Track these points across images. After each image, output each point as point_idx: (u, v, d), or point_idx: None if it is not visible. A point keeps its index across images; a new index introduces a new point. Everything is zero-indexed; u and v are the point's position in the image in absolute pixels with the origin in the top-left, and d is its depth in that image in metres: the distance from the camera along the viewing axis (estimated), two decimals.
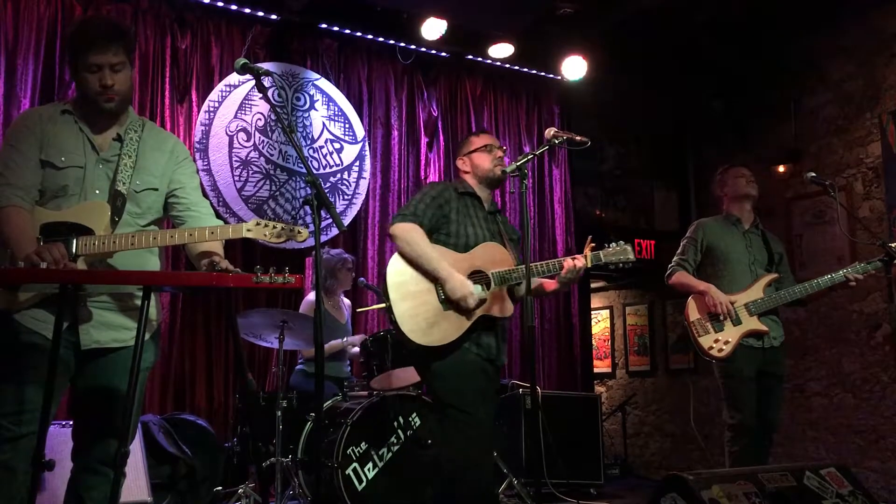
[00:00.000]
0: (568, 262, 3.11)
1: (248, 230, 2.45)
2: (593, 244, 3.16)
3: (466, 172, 3.32)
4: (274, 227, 2.47)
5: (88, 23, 2.57)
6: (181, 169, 2.69)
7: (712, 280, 4.06)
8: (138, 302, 2.47)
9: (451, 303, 2.99)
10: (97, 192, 2.51)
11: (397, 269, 3.04)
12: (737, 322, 3.94)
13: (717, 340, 3.93)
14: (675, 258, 4.24)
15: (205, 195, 5.58)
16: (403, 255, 3.05)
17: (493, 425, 3.13)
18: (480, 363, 3.04)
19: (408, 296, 2.99)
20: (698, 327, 3.99)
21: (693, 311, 4.03)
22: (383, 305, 3.12)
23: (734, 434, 3.93)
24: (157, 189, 2.63)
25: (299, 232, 2.50)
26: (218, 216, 5.42)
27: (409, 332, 2.95)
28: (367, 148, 6.29)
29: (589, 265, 3.14)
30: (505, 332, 3.24)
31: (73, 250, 2.38)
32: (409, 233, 3.04)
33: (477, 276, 3.06)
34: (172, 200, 2.67)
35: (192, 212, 2.66)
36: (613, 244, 3.17)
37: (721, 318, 3.94)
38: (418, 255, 3.01)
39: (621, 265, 3.17)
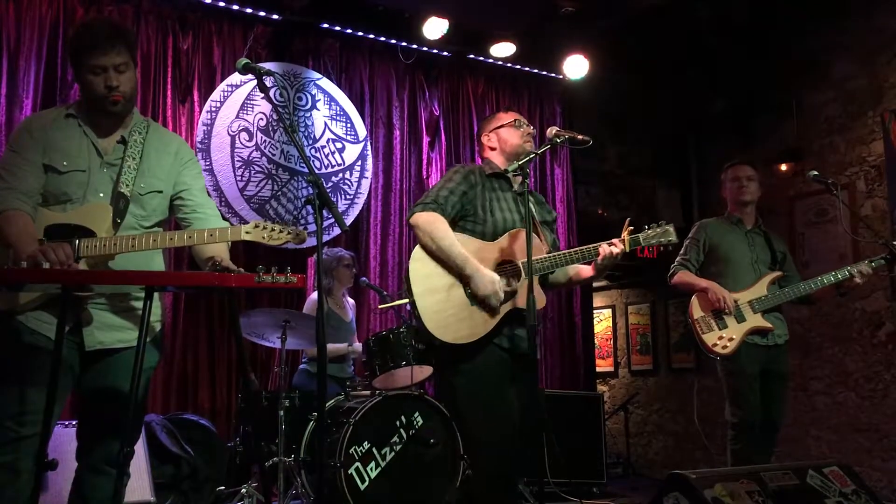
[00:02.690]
0: (604, 248, 2.93)
1: (247, 233, 2.44)
2: (631, 227, 2.99)
3: (493, 149, 3.15)
4: (272, 230, 2.45)
5: (90, 25, 2.56)
6: (186, 170, 2.69)
7: (716, 279, 4.07)
8: (140, 302, 2.48)
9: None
10: (101, 195, 2.51)
11: (420, 262, 2.85)
12: (740, 319, 3.96)
13: (720, 337, 3.95)
14: (677, 258, 4.26)
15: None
16: (425, 248, 2.86)
17: (518, 422, 2.86)
18: (507, 360, 2.85)
19: (432, 290, 2.82)
20: (702, 324, 4.00)
21: (696, 309, 4.04)
22: (406, 301, 3.03)
23: (736, 432, 3.94)
24: (161, 192, 2.63)
25: (297, 234, 2.47)
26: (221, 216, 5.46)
27: (434, 329, 2.77)
28: (368, 147, 6.29)
29: (627, 250, 2.97)
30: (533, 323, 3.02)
31: (76, 252, 2.38)
32: (432, 224, 2.85)
33: (506, 265, 2.89)
34: (178, 203, 2.67)
35: (197, 213, 2.66)
36: (654, 225, 3.03)
37: (724, 314, 3.95)
38: (442, 248, 2.82)
39: (662, 248, 3.04)
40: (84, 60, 2.47)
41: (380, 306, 5.53)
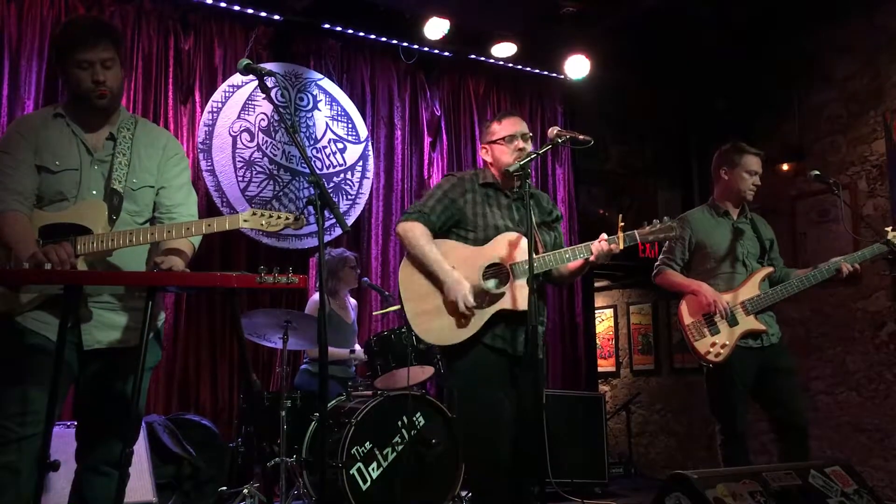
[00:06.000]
0: (596, 246, 2.92)
1: (245, 220, 2.45)
2: (623, 223, 2.93)
3: (490, 163, 3.18)
4: (270, 216, 2.47)
5: (75, 21, 2.59)
6: (169, 165, 2.67)
7: (704, 278, 3.82)
8: (139, 302, 2.48)
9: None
10: (94, 192, 2.51)
11: (408, 268, 3.00)
12: (733, 322, 3.70)
13: (713, 344, 3.69)
14: (660, 256, 4.00)
15: (208, 196, 5.59)
16: (408, 256, 3.01)
17: (517, 425, 2.88)
18: (503, 362, 2.92)
19: (419, 295, 2.94)
20: (693, 331, 3.74)
21: (686, 315, 3.78)
22: (398, 307, 3.10)
23: (725, 437, 3.75)
24: (152, 187, 2.63)
25: (296, 219, 2.48)
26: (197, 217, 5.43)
27: (420, 332, 2.92)
28: (370, 148, 6.29)
29: (622, 247, 2.92)
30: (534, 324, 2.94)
31: (74, 250, 2.38)
32: (409, 232, 2.99)
33: (494, 269, 2.95)
34: (156, 200, 2.65)
35: (171, 214, 2.64)
36: (656, 221, 3.00)
37: (717, 318, 3.70)
38: (418, 255, 2.96)
39: (663, 242, 3.01)
40: (70, 55, 2.46)
41: (374, 312, 5.57)
